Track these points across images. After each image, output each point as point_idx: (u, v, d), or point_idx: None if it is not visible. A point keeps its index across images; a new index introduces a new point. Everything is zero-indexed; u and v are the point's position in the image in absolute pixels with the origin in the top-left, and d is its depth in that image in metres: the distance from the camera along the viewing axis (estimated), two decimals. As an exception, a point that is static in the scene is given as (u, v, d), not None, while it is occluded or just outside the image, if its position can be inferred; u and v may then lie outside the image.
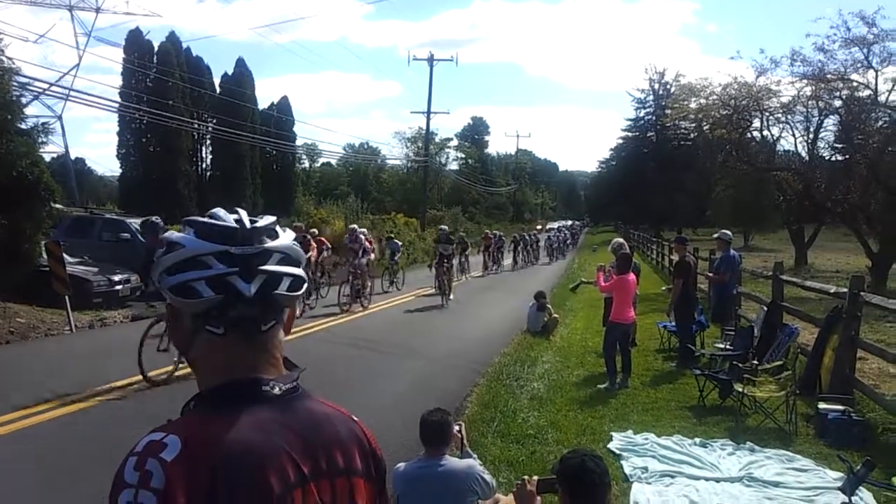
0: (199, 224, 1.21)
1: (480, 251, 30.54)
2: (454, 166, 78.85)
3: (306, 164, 68.19)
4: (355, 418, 1.31)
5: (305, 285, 1.27)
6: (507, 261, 32.66)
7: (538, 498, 3.32)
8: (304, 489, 1.13)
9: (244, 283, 1.16)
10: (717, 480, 5.70)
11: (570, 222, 76.90)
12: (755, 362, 7.87)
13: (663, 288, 13.58)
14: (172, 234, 1.23)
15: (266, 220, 1.25)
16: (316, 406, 1.25)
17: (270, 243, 1.22)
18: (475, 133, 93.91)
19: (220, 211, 1.25)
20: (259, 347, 1.21)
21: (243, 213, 1.25)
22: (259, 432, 1.12)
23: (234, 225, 1.21)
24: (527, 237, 36.27)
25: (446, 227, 21.11)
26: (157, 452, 1.04)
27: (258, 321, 1.20)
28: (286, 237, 1.25)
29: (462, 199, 70.26)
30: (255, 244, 1.20)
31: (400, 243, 22.42)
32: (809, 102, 25.01)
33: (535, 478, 3.37)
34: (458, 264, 23.71)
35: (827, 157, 28.51)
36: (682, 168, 49.49)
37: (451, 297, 17.85)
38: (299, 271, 1.24)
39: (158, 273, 1.19)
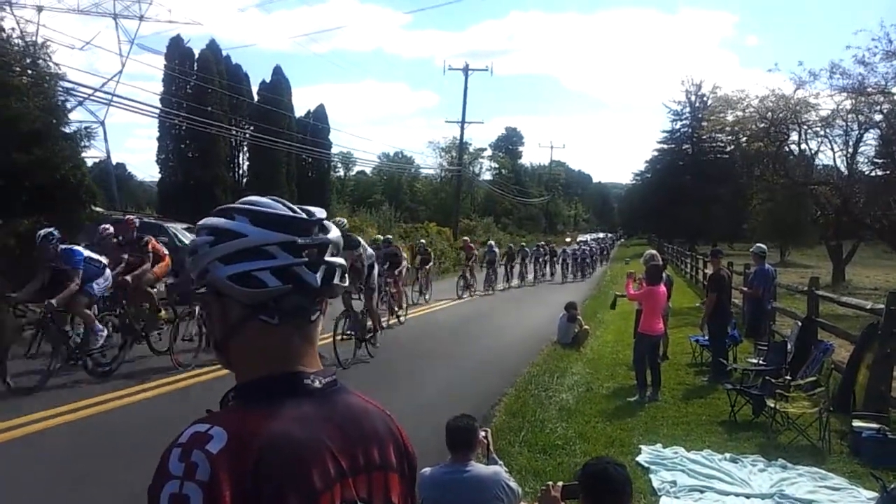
0: (254, 212, 1.20)
1: (463, 264, 23.77)
2: (487, 176, 78.99)
3: (341, 172, 68.74)
4: (389, 413, 1.32)
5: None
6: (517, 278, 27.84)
7: None
8: (343, 483, 1.13)
9: (311, 274, 1.18)
10: (748, 496, 5.64)
11: (602, 234, 74.90)
12: (788, 378, 7.76)
13: (698, 303, 13.44)
14: (217, 220, 1.21)
15: (320, 212, 1.26)
16: (354, 400, 1.25)
17: (328, 235, 1.23)
18: (509, 143, 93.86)
19: (265, 199, 1.24)
20: (306, 338, 1.22)
21: (287, 203, 1.25)
22: (301, 426, 1.12)
23: (297, 214, 1.21)
24: (528, 249, 30.74)
25: (377, 240, 15.96)
26: (203, 444, 1.03)
27: (308, 312, 1.22)
28: (335, 230, 1.26)
29: (495, 209, 70.27)
30: (316, 235, 1.21)
31: None
32: (849, 116, 24.65)
33: (560, 484, 3.38)
34: (419, 281, 19.59)
35: (866, 172, 28.00)
36: (718, 181, 48.90)
37: (376, 344, 11.24)
38: (344, 262, 1.26)
39: (207, 262, 1.18)
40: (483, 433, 4.38)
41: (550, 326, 13.71)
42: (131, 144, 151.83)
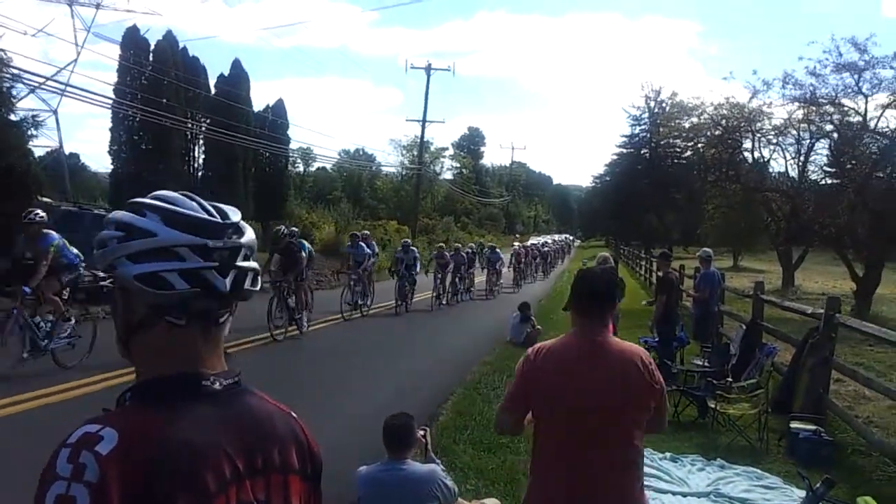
0: (166, 211, 1.17)
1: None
2: (449, 176, 79.14)
3: (301, 168, 68.19)
4: (294, 415, 1.30)
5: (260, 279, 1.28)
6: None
7: None
8: (239, 486, 1.12)
9: (220, 279, 1.16)
10: (684, 495, 5.73)
11: (557, 236, 72.49)
12: (729, 379, 7.92)
13: (644, 301, 13.68)
14: (127, 216, 1.18)
15: (235, 214, 1.24)
16: (256, 402, 1.23)
17: (241, 239, 1.21)
18: (471, 143, 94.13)
19: (178, 196, 1.22)
20: (212, 341, 1.21)
21: (202, 201, 1.22)
22: (197, 429, 1.10)
23: (209, 217, 1.19)
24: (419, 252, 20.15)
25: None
26: (92, 445, 1.01)
27: (218, 314, 1.20)
28: (250, 232, 1.25)
29: (455, 208, 70.46)
30: (229, 238, 1.19)
31: None
32: (801, 125, 25.23)
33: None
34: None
35: (817, 181, 28.70)
36: (674, 186, 49.71)
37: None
38: (257, 266, 1.25)
39: (115, 258, 1.15)
40: (421, 432, 4.39)
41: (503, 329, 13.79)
42: (85, 135, 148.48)
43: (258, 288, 1.25)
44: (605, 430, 2.79)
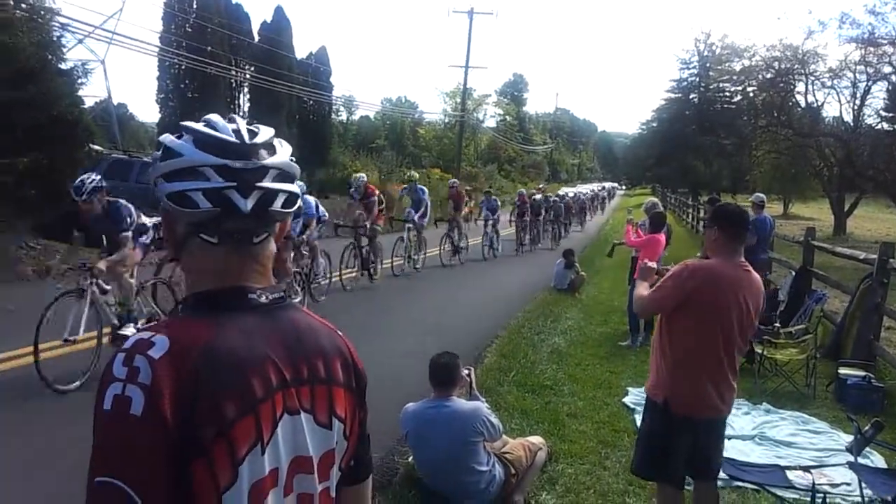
0: (198, 133, 1.21)
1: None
2: (492, 123, 78.16)
3: (344, 116, 68.06)
4: (339, 332, 1.34)
5: (300, 200, 1.31)
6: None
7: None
8: (285, 393, 1.17)
9: (241, 199, 1.18)
10: (729, 437, 5.70)
11: (596, 185, 67.71)
12: (777, 325, 7.82)
13: (698, 254, 13.49)
14: (167, 137, 1.23)
15: (265, 134, 1.25)
16: (301, 317, 1.28)
17: (268, 159, 1.22)
18: (515, 90, 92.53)
19: (217, 119, 1.25)
20: (250, 258, 1.24)
21: (241, 123, 1.25)
22: (243, 338, 1.16)
23: (233, 138, 1.21)
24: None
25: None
26: (145, 350, 1.08)
27: (251, 233, 1.23)
28: (284, 152, 1.26)
29: (498, 156, 69.74)
30: (253, 159, 1.20)
31: None
32: (857, 68, 24.34)
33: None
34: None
35: (872, 125, 27.73)
36: (723, 132, 48.43)
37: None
38: (294, 188, 1.26)
39: (155, 177, 1.21)
40: (466, 371, 4.45)
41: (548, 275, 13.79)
42: (133, 84, 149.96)
43: (292, 209, 1.26)
44: (737, 337, 3.55)
